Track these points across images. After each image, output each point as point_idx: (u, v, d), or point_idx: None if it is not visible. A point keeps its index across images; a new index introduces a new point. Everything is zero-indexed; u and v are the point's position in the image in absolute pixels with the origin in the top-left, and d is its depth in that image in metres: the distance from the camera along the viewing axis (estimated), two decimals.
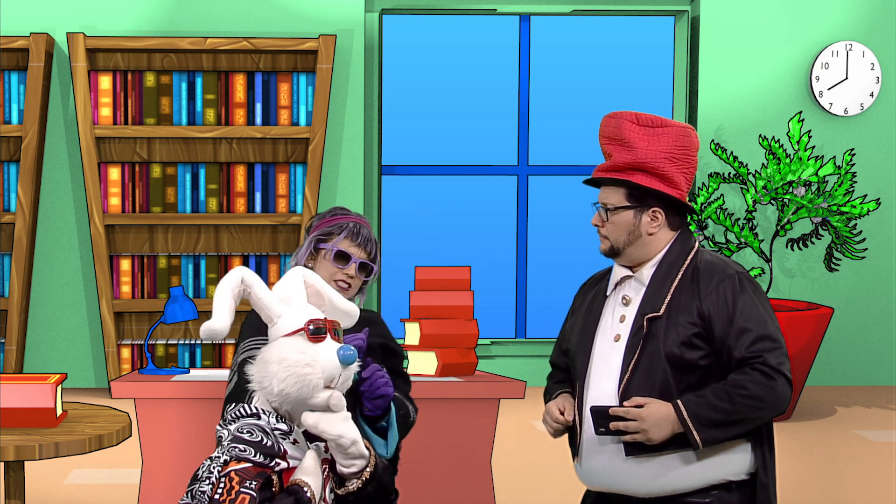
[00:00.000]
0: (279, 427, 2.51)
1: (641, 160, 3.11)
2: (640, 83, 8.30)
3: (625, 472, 3.07)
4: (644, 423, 2.97)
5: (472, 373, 4.61)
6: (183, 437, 4.24)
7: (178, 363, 7.63)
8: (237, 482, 2.42)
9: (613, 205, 3.13)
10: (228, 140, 7.73)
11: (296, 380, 2.47)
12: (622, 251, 3.15)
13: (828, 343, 8.08)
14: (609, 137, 3.17)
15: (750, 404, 2.96)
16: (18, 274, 7.46)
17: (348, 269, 3.21)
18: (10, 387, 3.81)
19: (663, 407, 2.98)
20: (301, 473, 2.47)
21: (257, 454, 2.46)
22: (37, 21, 7.68)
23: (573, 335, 3.25)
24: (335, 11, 7.84)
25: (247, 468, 2.44)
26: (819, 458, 6.31)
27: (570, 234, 8.29)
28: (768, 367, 2.98)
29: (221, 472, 2.45)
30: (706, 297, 3.05)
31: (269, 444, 2.47)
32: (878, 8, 8.14)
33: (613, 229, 3.14)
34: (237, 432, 2.49)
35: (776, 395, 2.97)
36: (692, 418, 2.96)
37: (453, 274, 4.63)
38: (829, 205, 7.37)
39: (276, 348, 2.53)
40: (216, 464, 2.47)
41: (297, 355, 2.49)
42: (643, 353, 3.05)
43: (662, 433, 2.98)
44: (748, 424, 3.01)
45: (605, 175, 3.15)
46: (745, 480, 3.09)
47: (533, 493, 5.57)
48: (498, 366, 8.04)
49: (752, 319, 3.03)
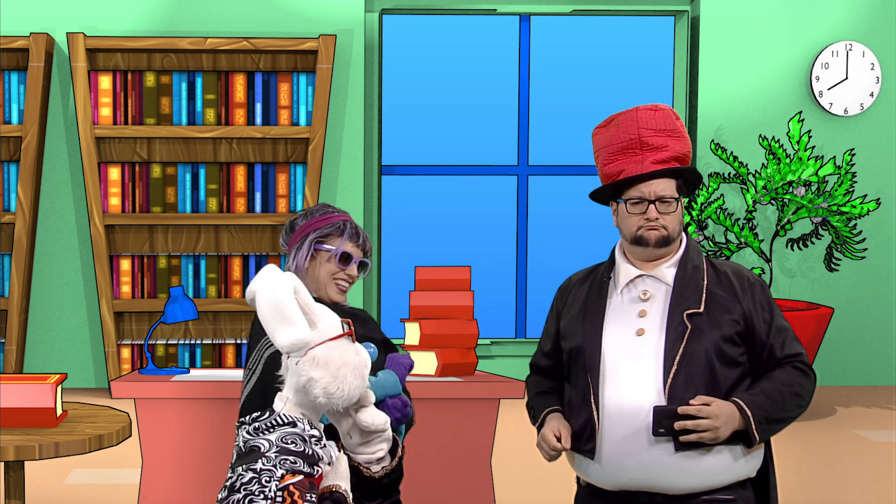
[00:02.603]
0: (313, 434, 2.50)
1: (688, 151, 3.16)
2: (640, 83, 8.30)
3: (668, 470, 3.02)
4: (717, 420, 2.98)
5: (472, 373, 4.60)
6: (183, 437, 4.24)
7: (178, 363, 7.63)
8: (298, 496, 2.41)
9: (674, 197, 3.12)
10: (228, 140, 7.73)
11: (361, 381, 2.50)
12: (671, 241, 3.14)
13: (828, 343, 8.08)
14: (658, 129, 3.12)
15: (797, 402, 3.08)
16: (18, 274, 7.46)
17: (350, 270, 3.24)
18: (10, 387, 3.81)
19: (728, 405, 3.01)
20: (337, 479, 2.48)
21: (305, 464, 2.45)
22: (37, 21, 7.68)
23: (573, 332, 3.18)
24: (335, 11, 7.84)
25: (302, 481, 2.43)
26: (819, 458, 6.31)
27: (570, 234, 8.29)
28: (806, 364, 3.11)
29: (279, 486, 2.44)
30: (744, 298, 3.11)
31: (311, 453, 2.47)
32: (878, 8, 8.14)
33: (673, 220, 3.12)
34: (282, 443, 2.47)
35: (811, 392, 3.12)
36: (754, 416, 3.02)
37: (453, 274, 4.62)
38: (829, 205, 7.37)
39: (335, 353, 2.51)
40: (269, 477, 2.44)
41: (356, 358, 2.50)
42: (688, 348, 3.04)
43: (729, 431, 3.01)
44: (790, 422, 3.12)
45: (672, 166, 3.11)
46: (752, 478, 3.13)
47: (533, 493, 5.57)
48: (498, 366, 8.04)
49: (784, 321, 3.16)
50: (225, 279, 7.72)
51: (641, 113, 3.14)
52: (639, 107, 3.16)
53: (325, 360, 2.49)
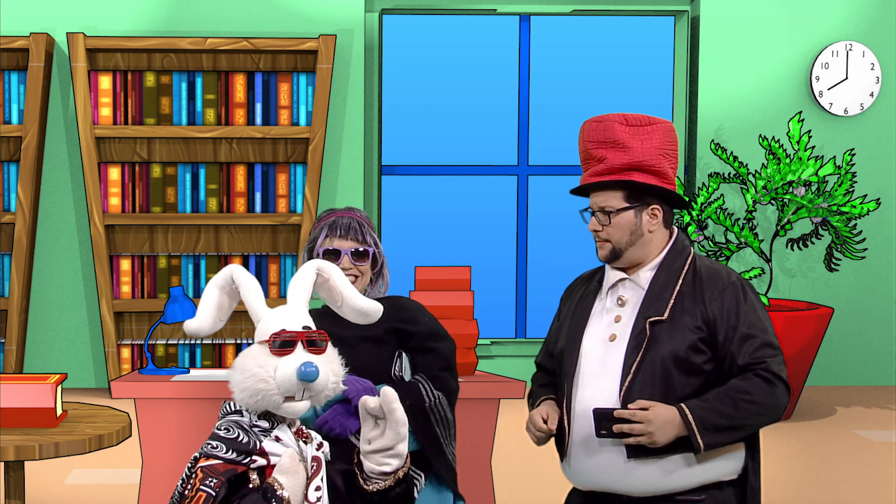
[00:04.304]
0: (259, 424, 2.54)
1: (638, 159, 3.11)
2: (640, 83, 8.30)
3: (623, 473, 3.07)
4: (650, 425, 2.97)
5: (472, 373, 4.60)
6: (183, 437, 4.23)
7: (178, 363, 7.63)
8: (199, 479, 2.46)
9: (614, 207, 3.13)
10: (228, 140, 7.73)
11: (251, 393, 2.51)
12: (623, 253, 3.15)
13: (828, 343, 8.08)
14: (599, 141, 3.16)
15: (752, 410, 2.99)
16: (18, 274, 7.46)
17: (342, 263, 3.27)
18: (10, 387, 3.81)
19: (668, 410, 2.99)
20: (276, 472, 2.50)
21: (229, 451, 2.49)
22: (37, 21, 7.68)
23: (560, 335, 3.27)
24: (335, 11, 7.84)
25: (214, 465, 2.47)
26: (819, 458, 6.31)
27: (570, 234, 8.29)
28: (770, 373, 3.01)
29: (192, 467, 2.50)
30: (711, 304, 3.07)
31: (245, 441, 2.50)
32: (878, 8, 8.14)
33: (615, 231, 3.14)
34: (216, 429, 2.53)
35: (777, 401, 3.01)
36: (697, 423, 2.97)
37: (453, 274, 4.62)
38: (829, 205, 7.37)
39: (242, 356, 2.56)
40: (194, 460, 2.51)
41: (256, 368, 2.52)
42: (646, 356, 3.05)
43: (667, 436, 2.98)
44: (748, 430, 3.03)
45: (604, 179, 3.14)
46: (733, 479, 3.12)
47: (533, 493, 5.57)
48: (498, 366, 8.04)
49: (755, 327, 3.05)
50: None
51: (586, 125, 3.22)
52: (589, 119, 3.22)
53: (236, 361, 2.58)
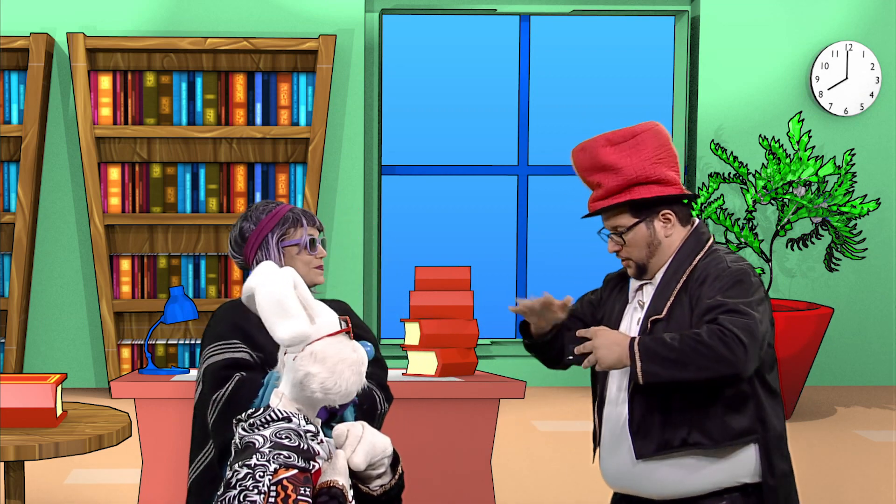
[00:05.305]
0: (309, 429, 2.49)
1: (633, 176, 3.10)
2: (640, 83, 8.30)
3: (637, 475, 3.10)
4: (596, 341, 2.99)
5: (472, 373, 4.61)
6: (183, 437, 4.23)
7: (178, 363, 7.63)
8: (292, 490, 2.40)
9: (625, 226, 3.13)
10: (228, 140, 7.73)
11: (358, 378, 2.48)
12: (648, 266, 3.15)
13: (828, 343, 8.08)
14: (590, 169, 3.16)
15: (700, 351, 2.90)
16: (18, 274, 7.46)
17: (319, 252, 3.29)
18: (10, 387, 3.81)
19: (618, 335, 3.00)
20: (335, 474, 2.47)
21: (300, 459, 2.44)
22: (37, 21, 7.68)
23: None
24: (335, 11, 7.84)
25: (296, 475, 2.42)
26: (819, 458, 6.31)
27: (569, 234, 8.29)
28: (723, 327, 2.92)
29: (272, 480, 2.43)
30: (703, 295, 3.05)
31: (306, 448, 2.46)
32: (878, 8, 8.14)
33: (633, 249, 3.14)
34: (276, 438, 2.46)
35: (729, 350, 2.90)
36: (640, 348, 2.95)
37: (453, 274, 4.62)
38: (829, 205, 7.37)
39: (333, 349, 2.51)
40: (263, 472, 2.44)
41: (353, 354, 2.50)
42: None
43: (612, 357, 2.97)
44: (693, 371, 2.93)
45: (604, 204, 3.15)
46: (759, 483, 3.10)
47: (533, 493, 5.57)
48: (498, 366, 8.04)
49: (732, 300, 2.97)
50: (225, 279, 7.72)
51: (573, 156, 3.21)
52: (574, 148, 3.20)
53: (323, 355, 2.49)
